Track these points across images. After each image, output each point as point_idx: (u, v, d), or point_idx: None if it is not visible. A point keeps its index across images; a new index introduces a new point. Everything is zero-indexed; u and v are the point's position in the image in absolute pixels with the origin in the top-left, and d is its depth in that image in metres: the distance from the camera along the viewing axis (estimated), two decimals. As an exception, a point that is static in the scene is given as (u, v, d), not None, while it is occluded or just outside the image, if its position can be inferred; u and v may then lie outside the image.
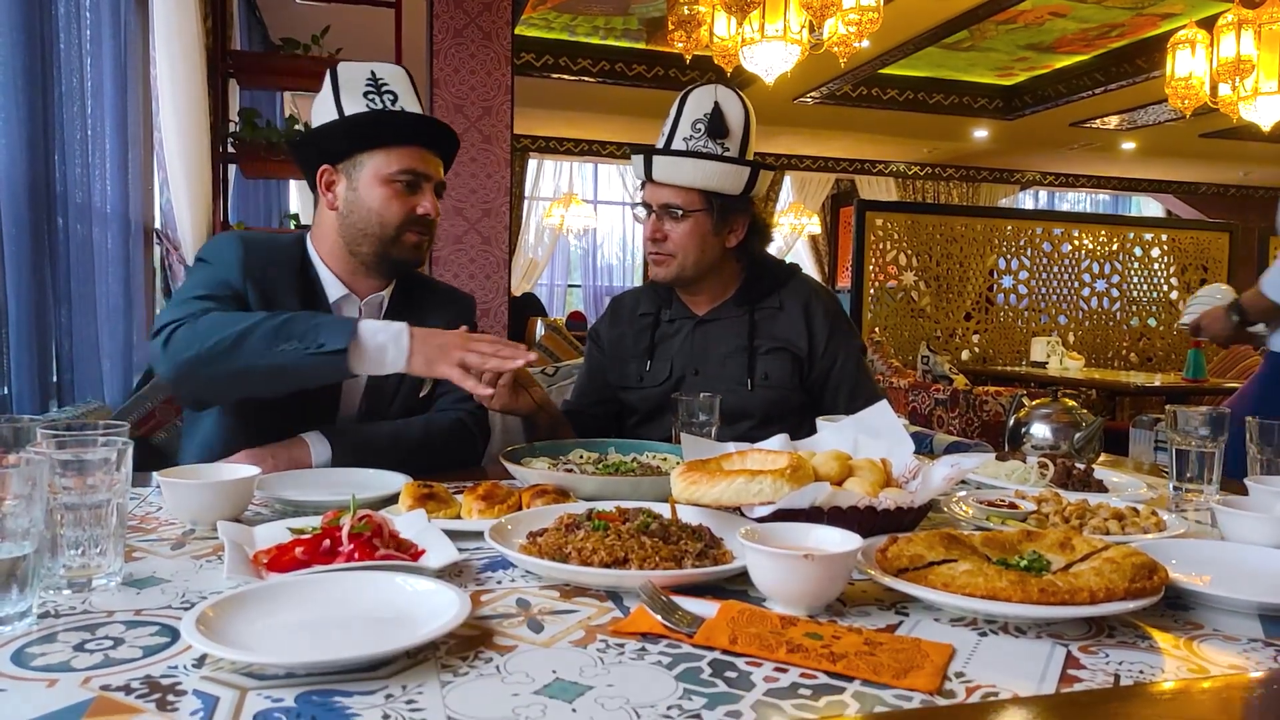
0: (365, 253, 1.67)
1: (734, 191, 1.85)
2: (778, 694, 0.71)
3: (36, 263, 2.22)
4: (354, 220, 1.65)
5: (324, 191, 1.68)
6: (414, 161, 1.65)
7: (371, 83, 1.65)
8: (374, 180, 1.64)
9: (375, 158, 1.64)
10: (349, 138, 1.64)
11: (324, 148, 1.67)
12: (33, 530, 0.80)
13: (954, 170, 12.11)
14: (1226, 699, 0.75)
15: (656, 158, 1.86)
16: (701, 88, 1.89)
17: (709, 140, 1.83)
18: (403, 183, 1.64)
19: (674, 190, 1.86)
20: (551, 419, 1.83)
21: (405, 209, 1.65)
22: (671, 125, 1.87)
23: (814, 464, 1.16)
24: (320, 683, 0.71)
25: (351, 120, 1.63)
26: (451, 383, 1.70)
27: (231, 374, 1.43)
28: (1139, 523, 1.19)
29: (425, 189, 1.67)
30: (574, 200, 11.00)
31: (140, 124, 3.17)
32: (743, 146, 1.86)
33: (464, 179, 4.65)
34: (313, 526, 1.06)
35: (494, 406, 1.64)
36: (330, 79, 1.67)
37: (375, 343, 1.45)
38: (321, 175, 1.68)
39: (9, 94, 2.11)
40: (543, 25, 7.31)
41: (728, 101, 1.85)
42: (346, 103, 1.64)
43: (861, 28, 4.14)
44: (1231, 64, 4.74)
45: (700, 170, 1.83)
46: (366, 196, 1.64)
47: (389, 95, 1.66)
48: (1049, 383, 5.24)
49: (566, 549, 0.98)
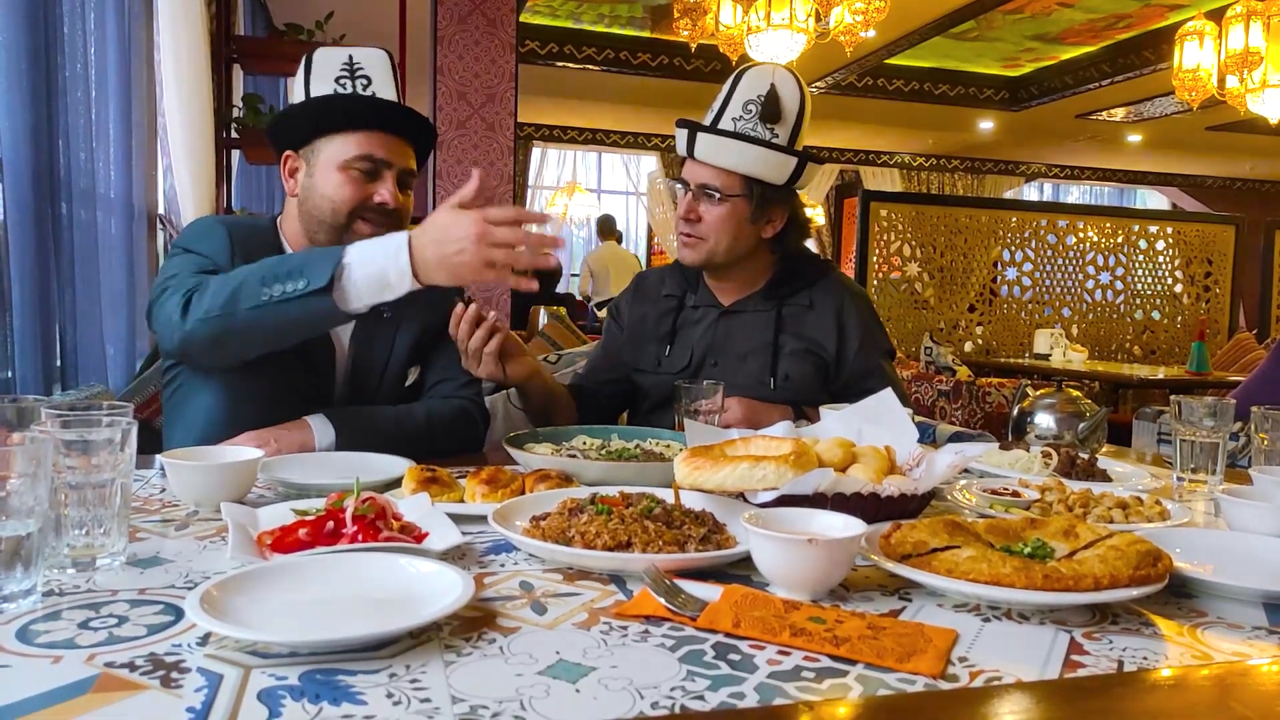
0: (322, 241, 1.61)
1: (777, 181, 1.78)
2: (781, 676, 0.71)
3: (40, 248, 2.22)
4: (309, 207, 1.61)
5: (286, 177, 1.64)
6: (373, 147, 1.58)
7: (346, 67, 1.60)
8: (330, 165, 1.58)
9: (334, 142, 1.59)
10: (309, 122, 1.60)
11: (287, 133, 1.63)
12: (37, 509, 0.80)
13: (959, 161, 12.07)
14: (1230, 685, 0.75)
15: (701, 135, 1.77)
16: (759, 67, 1.80)
17: (759, 124, 1.75)
18: (359, 169, 1.58)
19: (714, 171, 1.78)
20: (545, 388, 1.78)
21: (359, 195, 1.58)
22: (722, 102, 1.79)
23: (818, 450, 1.15)
24: (324, 661, 0.71)
25: (310, 103, 1.59)
26: (449, 373, 1.70)
27: (238, 329, 1.38)
28: (1143, 512, 1.19)
29: (385, 176, 1.60)
30: (577, 189, 10.99)
31: (144, 109, 3.17)
32: (794, 135, 1.79)
33: (467, 167, 4.65)
34: (316, 508, 1.06)
35: (481, 375, 1.63)
36: (304, 64, 1.62)
37: (367, 273, 1.32)
38: (285, 161, 1.64)
39: (13, 79, 2.11)
40: (548, 12, 7.29)
41: (785, 85, 1.77)
42: (315, 88, 1.60)
43: (868, 17, 4.12)
44: (1240, 56, 4.72)
45: (744, 154, 1.75)
46: (321, 182, 1.59)
47: (362, 80, 1.60)
48: (1052, 375, 5.23)
49: (570, 532, 0.98)
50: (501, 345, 1.62)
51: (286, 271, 1.35)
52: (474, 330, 1.60)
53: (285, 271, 1.35)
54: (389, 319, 1.71)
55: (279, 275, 1.35)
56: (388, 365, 1.71)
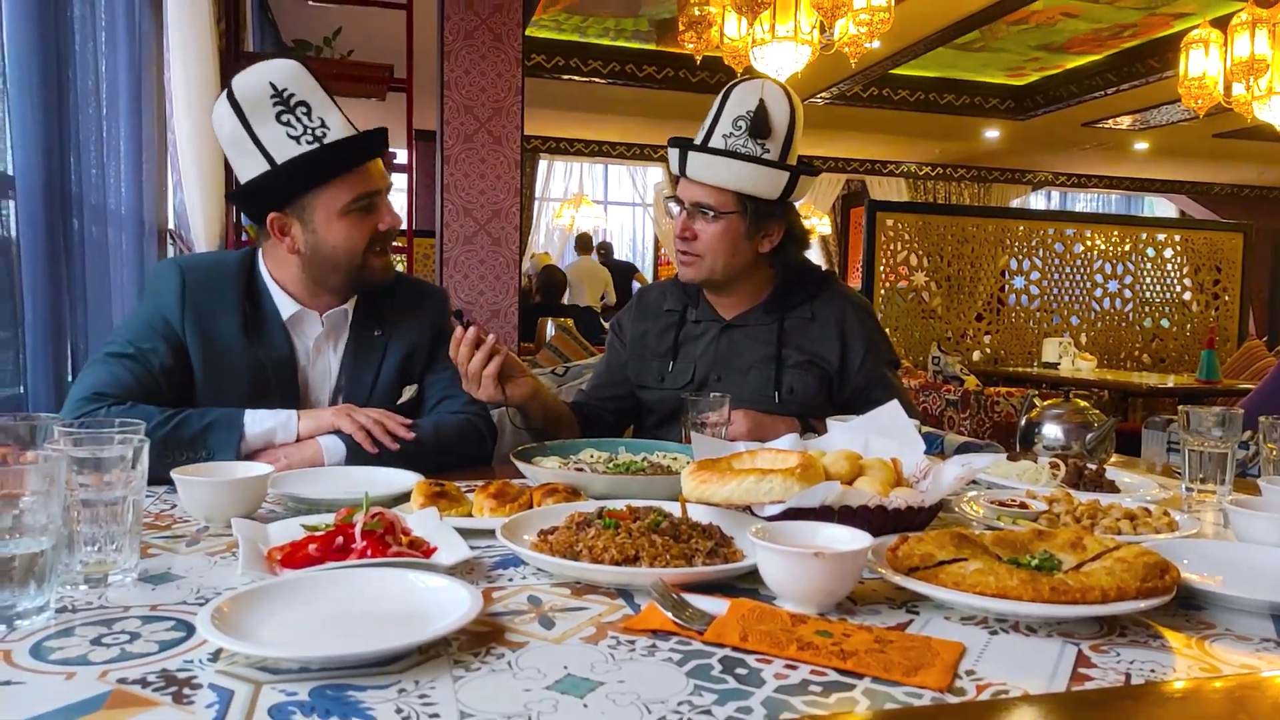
0: (335, 283, 1.65)
1: (770, 196, 1.78)
2: (788, 690, 0.71)
3: (52, 264, 2.23)
4: (320, 260, 1.62)
5: (279, 237, 1.62)
6: (362, 184, 1.59)
7: (277, 98, 1.54)
8: (330, 217, 1.59)
9: (323, 194, 1.58)
10: (292, 186, 1.57)
11: (268, 200, 1.60)
12: (50, 526, 0.81)
13: (965, 171, 12.07)
14: (1239, 698, 0.75)
15: (692, 154, 1.78)
16: (747, 83, 1.80)
17: (749, 140, 1.75)
18: (359, 209, 1.60)
19: (707, 189, 1.79)
20: (545, 408, 1.78)
21: (369, 233, 1.61)
22: (712, 120, 1.79)
23: (824, 463, 1.16)
24: (334, 677, 0.72)
25: (286, 170, 1.55)
26: (453, 389, 1.71)
27: None
28: (1151, 523, 1.19)
29: (380, 203, 1.63)
30: (584, 201, 11.02)
31: (155, 125, 3.19)
32: (785, 149, 1.78)
33: (474, 180, 4.67)
34: (326, 524, 1.07)
35: (481, 398, 1.64)
36: (229, 101, 1.54)
37: (255, 432, 1.50)
38: (272, 223, 1.61)
39: (25, 96, 2.13)
40: (553, 26, 7.33)
41: (774, 100, 1.77)
42: (264, 135, 1.54)
43: (872, 28, 4.13)
44: (1246, 63, 4.71)
45: (736, 171, 1.76)
46: (328, 235, 1.59)
47: (301, 108, 1.55)
48: (1061, 384, 5.22)
49: (578, 546, 0.99)
50: (501, 367, 1.62)
51: (189, 440, 1.45)
52: (473, 353, 1.61)
53: (188, 439, 1.45)
54: (379, 337, 1.73)
55: (180, 443, 1.44)
56: (376, 384, 1.72)
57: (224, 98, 1.56)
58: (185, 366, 1.59)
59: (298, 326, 1.68)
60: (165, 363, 1.56)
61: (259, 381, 1.62)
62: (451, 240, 4.63)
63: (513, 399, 1.69)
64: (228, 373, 1.60)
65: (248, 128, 1.55)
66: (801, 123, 1.81)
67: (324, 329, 1.70)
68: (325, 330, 1.70)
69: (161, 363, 1.56)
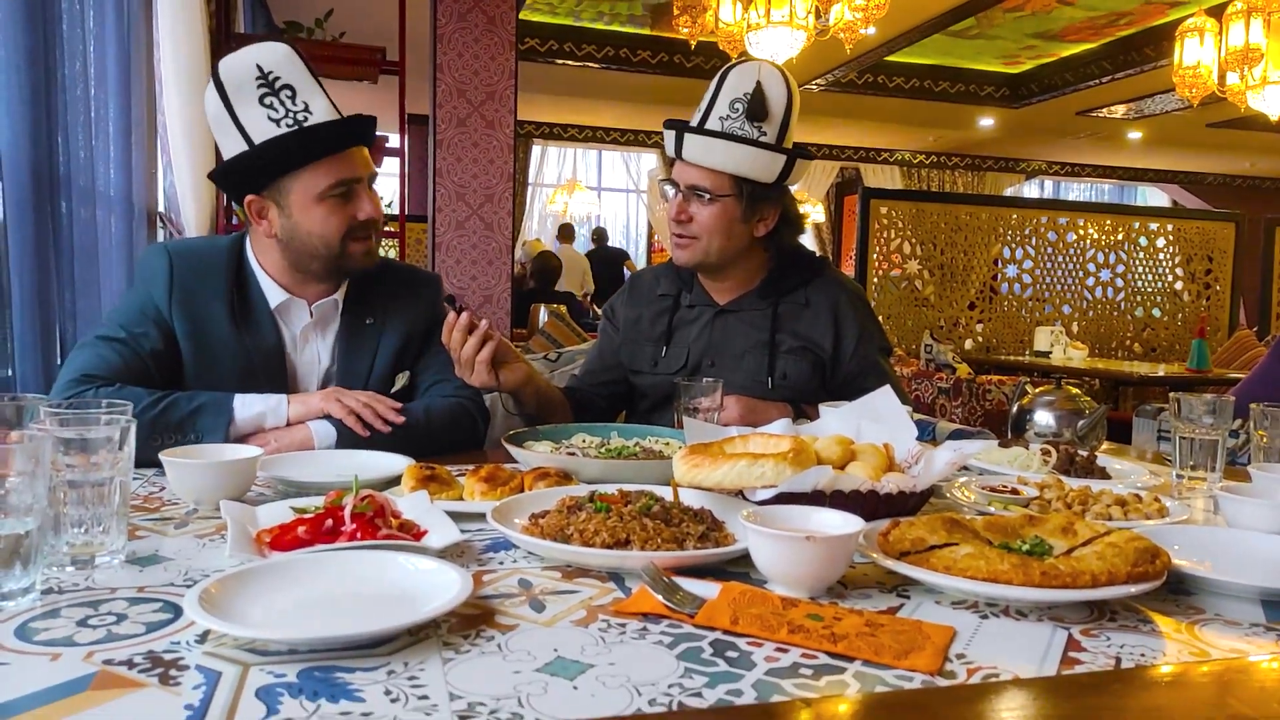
0: (316, 269, 1.64)
1: (767, 179, 1.77)
2: (778, 673, 0.71)
3: (40, 246, 2.21)
4: (296, 245, 1.60)
5: (256, 220, 1.61)
6: (341, 170, 1.57)
7: (262, 80, 1.52)
8: (307, 202, 1.56)
9: (301, 178, 1.55)
10: (268, 168, 1.55)
11: (245, 181, 1.58)
12: (36, 507, 0.80)
13: (959, 159, 12.07)
14: (1227, 682, 0.75)
15: (688, 136, 1.77)
16: (745, 64, 1.79)
17: (746, 122, 1.74)
18: (337, 195, 1.57)
19: (703, 172, 1.78)
20: (538, 394, 1.77)
21: (346, 221, 1.58)
22: (708, 102, 1.78)
23: (816, 448, 1.15)
24: (322, 659, 0.71)
25: (262, 150, 1.52)
26: (445, 373, 1.70)
27: None
28: (1141, 509, 1.19)
29: (360, 191, 1.60)
30: (577, 187, 10.99)
31: (144, 107, 3.16)
32: (781, 132, 1.77)
33: (466, 164, 4.64)
34: (315, 506, 1.06)
35: (474, 383, 1.63)
36: (214, 84, 1.53)
37: (245, 416, 1.49)
38: (250, 205, 1.60)
39: (12, 77, 2.11)
40: (547, 10, 7.28)
41: (771, 82, 1.75)
42: (245, 116, 1.52)
43: (868, 14, 4.12)
44: (1240, 52, 4.71)
45: (732, 154, 1.74)
46: (304, 220, 1.57)
47: (286, 91, 1.53)
48: (1052, 372, 5.24)
49: (569, 530, 0.98)
50: (494, 353, 1.62)
51: (178, 423, 1.44)
52: (466, 338, 1.60)
53: (176, 422, 1.44)
54: (371, 325, 1.72)
55: (169, 426, 1.43)
56: (372, 371, 1.71)
57: (212, 79, 1.55)
58: (175, 352, 1.58)
59: (285, 315, 1.67)
60: (155, 347, 1.55)
61: (246, 369, 1.61)
62: (444, 225, 4.61)
63: (505, 384, 1.68)
64: (215, 359, 1.59)
65: (229, 108, 1.53)
66: (798, 106, 1.81)
67: (313, 319, 1.68)
68: (314, 320, 1.69)
69: (152, 347, 1.55)
